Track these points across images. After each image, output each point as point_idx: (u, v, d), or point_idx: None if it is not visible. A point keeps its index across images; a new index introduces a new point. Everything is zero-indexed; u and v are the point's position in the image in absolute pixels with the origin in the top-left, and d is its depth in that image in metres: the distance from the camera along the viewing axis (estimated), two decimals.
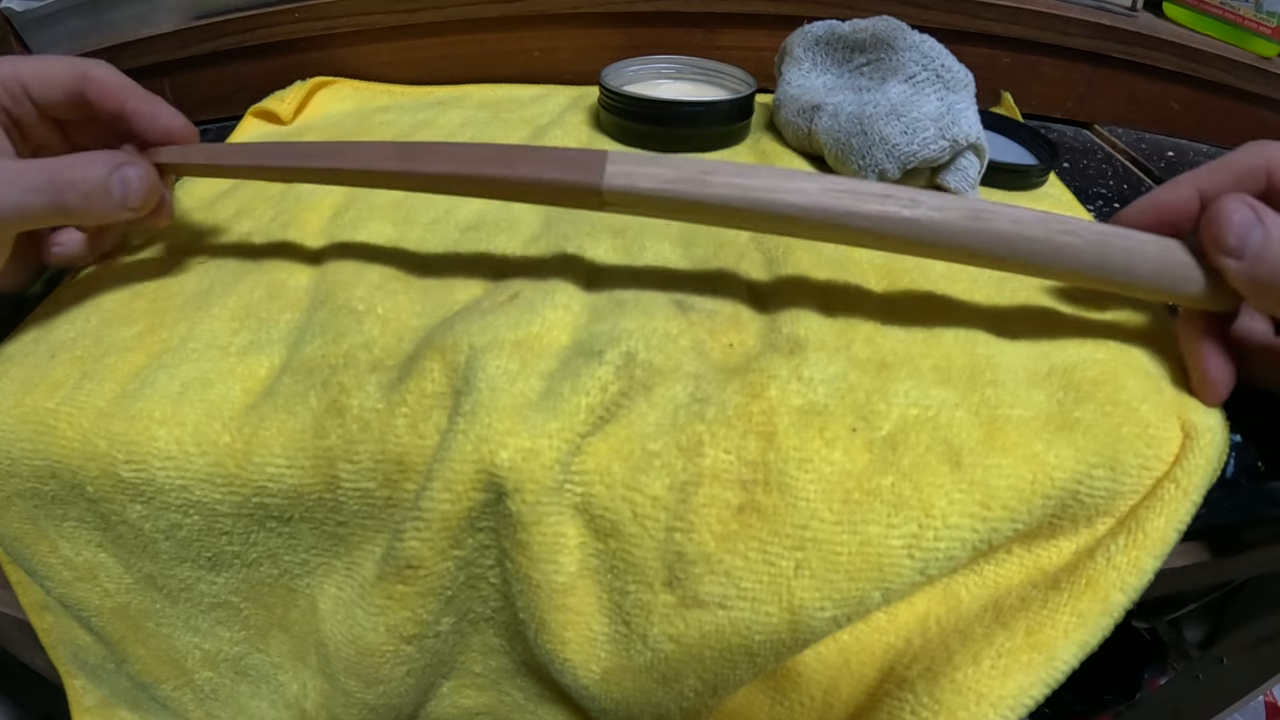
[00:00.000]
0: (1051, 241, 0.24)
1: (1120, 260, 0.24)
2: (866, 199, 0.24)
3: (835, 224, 0.25)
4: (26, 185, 0.25)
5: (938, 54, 0.38)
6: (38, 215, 0.26)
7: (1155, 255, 0.24)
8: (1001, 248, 0.24)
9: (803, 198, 0.25)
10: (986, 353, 0.26)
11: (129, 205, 0.27)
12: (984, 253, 0.24)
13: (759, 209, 0.25)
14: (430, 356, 0.25)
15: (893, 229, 0.24)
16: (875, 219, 0.24)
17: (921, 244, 0.25)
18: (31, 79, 0.28)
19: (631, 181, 0.25)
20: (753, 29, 0.50)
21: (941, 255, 0.25)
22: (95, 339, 0.28)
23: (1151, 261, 0.24)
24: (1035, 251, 0.24)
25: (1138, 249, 0.24)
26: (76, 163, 0.26)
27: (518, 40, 0.50)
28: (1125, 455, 0.23)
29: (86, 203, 0.26)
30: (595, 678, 0.25)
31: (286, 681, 0.30)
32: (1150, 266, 0.24)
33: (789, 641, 0.22)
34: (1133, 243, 0.24)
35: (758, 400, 0.24)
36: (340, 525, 0.25)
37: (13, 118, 0.28)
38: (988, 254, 0.24)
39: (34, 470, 0.26)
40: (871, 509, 0.22)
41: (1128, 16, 0.51)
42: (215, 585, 0.28)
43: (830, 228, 0.25)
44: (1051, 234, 0.24)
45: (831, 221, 0.25)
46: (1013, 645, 0.22)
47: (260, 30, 0.48)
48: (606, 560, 0.23)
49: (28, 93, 0.28)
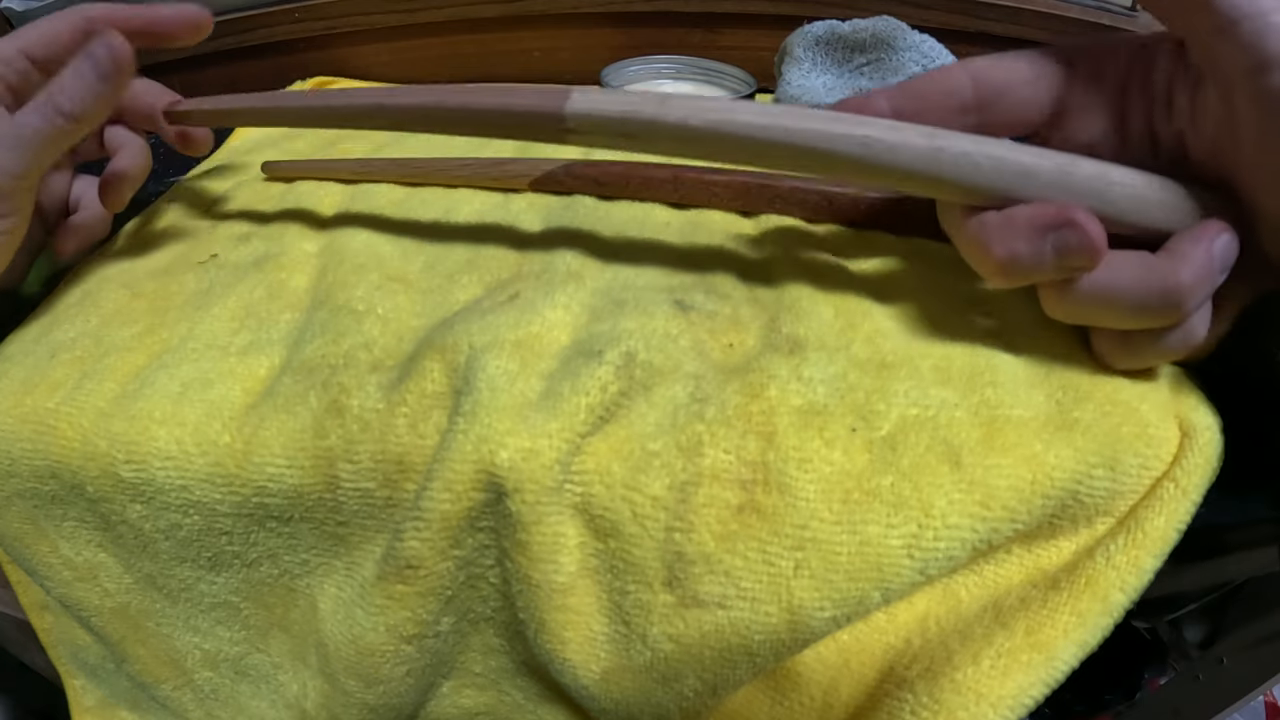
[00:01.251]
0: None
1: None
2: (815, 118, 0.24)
3: (791, 143, 0.24)
4: (28, 111, 0.27)
5: (938, 54, 0.38)
6: (46, 131, 0.27)
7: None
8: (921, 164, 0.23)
9: (761, 117, 0.24)
10: (986, 353, 0.26)
11: (106, 78, 0.28)
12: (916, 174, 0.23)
13: (716, 128, 0.24)
14: (430, 356, 0.25)
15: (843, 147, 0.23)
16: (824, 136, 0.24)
17: (867, 165, 0.24)
18: (36, 47, 0.29)
19: (593, 105, 0.25)
20: (753, 29, 0.50)
21: (890, 180, 0.24)
22: (95, 339, 0.28)
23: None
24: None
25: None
26: (65, 68, 0.28)
27: (518, 40, 0.51)
28: (1125, 455, 0.23)
29: (71, 91, 0.27)
30: (595, 678, 0.25)
31: (286, 681, 0.30)
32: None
33: (789, 641, 0.22)
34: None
35: (757, 400, 0.24)
36: (340, 525, 0.25)
37: (14, 90, 0.29)
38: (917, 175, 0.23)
39: (34, 470, 0.26)
40: (871, 509, 0.22)
41: (1128, 16, 0.51)
42: (215, 585, 0.28)
43: (785, 147, 0.24)
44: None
45: (788, 141, 0.24)
46: (1012, 645, 0.22)
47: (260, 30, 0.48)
48: (606, 560, 0.24)
49: (32, 60, 0.29)
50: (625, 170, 0.36)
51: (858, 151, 0.23)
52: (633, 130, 0.25)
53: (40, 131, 0.27)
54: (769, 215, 0.34)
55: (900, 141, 0.23)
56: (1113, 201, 0.22)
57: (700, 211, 0.35)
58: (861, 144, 0.23)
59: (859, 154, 0.23)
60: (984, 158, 0.23)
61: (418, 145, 0.43)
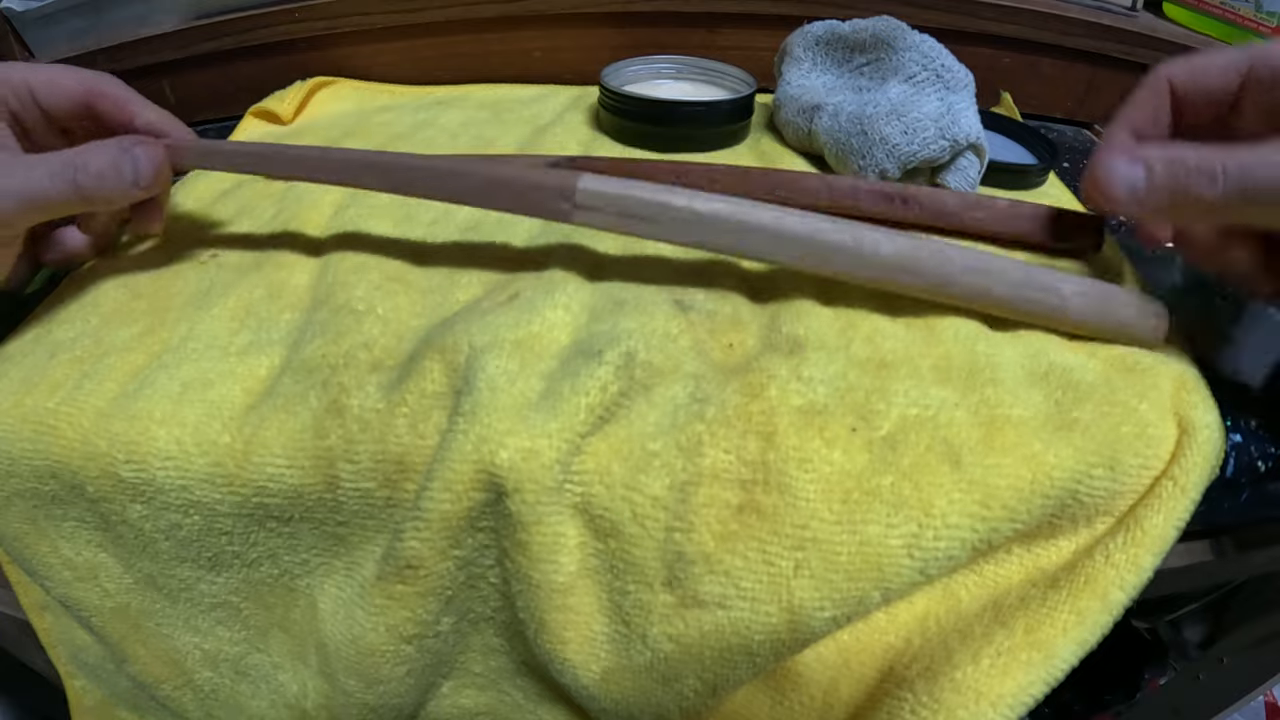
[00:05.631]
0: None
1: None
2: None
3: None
4: (44, 172, 0.26)
5: (938, 54, 0.38)
6: (55, 200, 0.27)
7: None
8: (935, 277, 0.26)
9: (776, 221, 0.27)
10: (986, 352, 0.26)
11: (140, 184, 0.28)
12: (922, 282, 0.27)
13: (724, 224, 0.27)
14: (430, 356, 0.25)
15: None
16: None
17: (865, 271, 0.27)
18: (40, 87, 0.29)
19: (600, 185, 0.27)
20: (753, 29, 0.50)
21: (890, 284, 0.27)
22: (95, 339, 0.28)
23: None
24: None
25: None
26: (89, 147, 0.27)
27: (518, 40, 0.51)
28: (1124, 454, 0.23)
29: (100, 182, 0.27)
30: (595, 678, 0.25)
31: (286, 681, 0.30)
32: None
33: (789, 641, 0.22)
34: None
35: (757, 400, 0.24)
36: (340, 525, 0.25)
37: (19, 121, 0.29)
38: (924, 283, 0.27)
39: (34, 470, 0.26)
40: (871, 509, 0.22)
41: (1128, 16, 0.51)
42: (215, 585, 0.28)
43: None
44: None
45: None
46: (1012, 644, 0.22)
47: (260, 30, 0.48)
48: (606, 560, 0.24)
49: (36, 99, 0.29)
50: (626, 170, 0.36)
51: (849, 245, 0.26)
52: (636, 211, 0.27)
53: (48, 196, 0.26)
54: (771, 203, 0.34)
55: (885, 237, 0.26)
56: (1064, 296, 0.26)
57: None
58: (852, 239, 0.26)
59: (851, 247, 0.26)
60: (956, 252, 0.26)
61: (418, 146, 0.43)
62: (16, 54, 0.47)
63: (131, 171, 0.27)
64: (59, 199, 0.26)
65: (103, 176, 0.27)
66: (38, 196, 0.26)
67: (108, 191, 0.27)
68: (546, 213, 0.27)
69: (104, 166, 0.27)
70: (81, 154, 0.27)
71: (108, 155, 0.27)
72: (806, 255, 0.27)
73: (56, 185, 0.26)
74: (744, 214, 0.26)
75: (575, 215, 0.27)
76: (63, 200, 0.27)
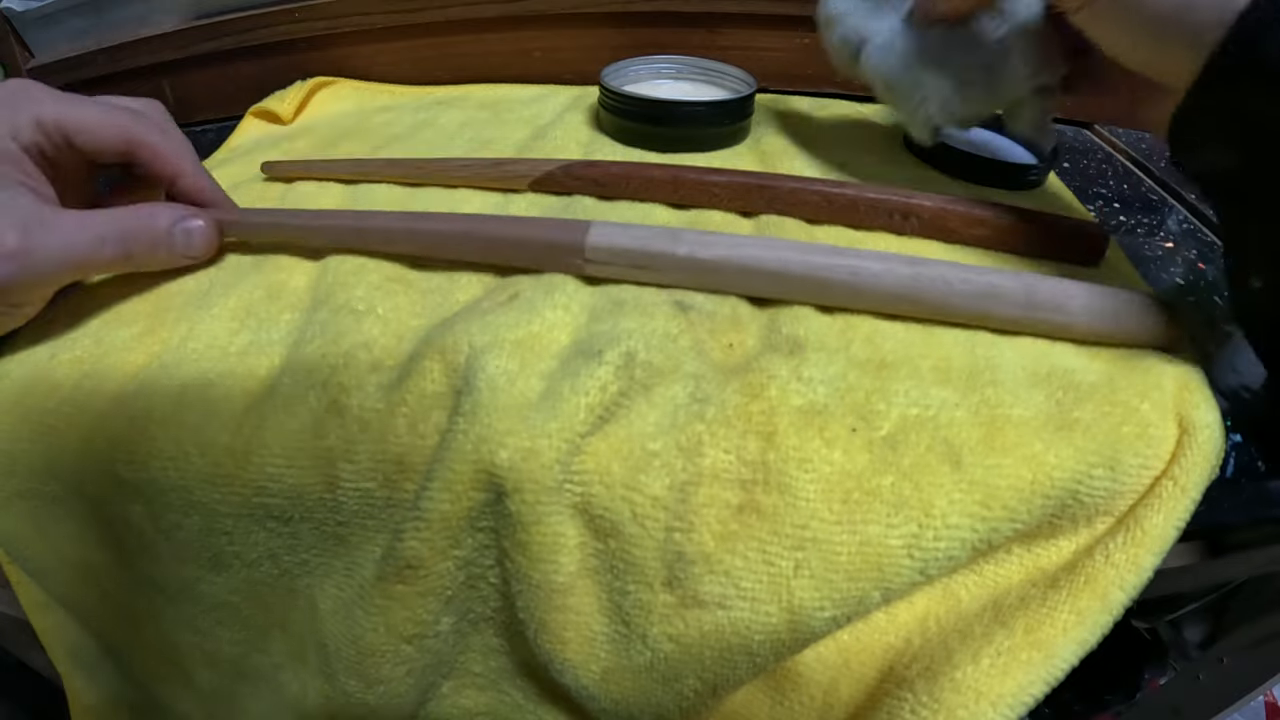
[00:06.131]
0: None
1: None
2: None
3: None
4: (95, 235, 0.26)
5: None
6: (104, 262, 0.27)
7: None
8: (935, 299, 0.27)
9: (780, 263, 0.27)
10: (986, 353, 0.26)
11: (190, 255, 0.29)
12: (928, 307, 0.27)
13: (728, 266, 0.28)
14: (430, 356, 0.25)
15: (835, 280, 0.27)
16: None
17: (870, 299, 0.27)
18: (76, 134, 0.27)
19: (610, 238, 0.28)
20: (753, 29, 0.50)
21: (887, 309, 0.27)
22: (95, 339, 0.28)
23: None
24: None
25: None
26: (142, 213, 0.27)
27: (518, 40, 0.51)
28: (1125, 455, 0.23)
29: (151, 251, 0.28)
30: (595, 678, 0.25)
31: (286, 681, 0.30)
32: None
33: (789, 641, 0.22)
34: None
35: (757, 400, 0.24)
36: (340, 525, 0.25)
37: (53, 164, 0.28)
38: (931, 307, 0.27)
39: (34, 470, 0.26)
40: (871, 509, 0.22)
41: None
42: (215, 585, 0.28)
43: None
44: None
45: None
46: (1012, 644, 0.22)
47: (260, 30, 0.48)
48: (606, 560, 0.24)
49: (71, 144, 0.27)
50: (625, 171, 0.36)
51: (848, 279, 0.27)
52: (643, 262, 0.28)
53: (95, 260, 0.26)
54: (769, 215, 0.34)
55: (884, 269, 0.27)
56: (1071, 312, 0.26)
57: (700, 212, 0.35)
58: (850, 272, 0.27)
59: (849, 281, 0.27)
60: (957, 279, 0.26)
61: (418, 147, 0.43)
62: (16, 54, 0.47)
63: (184, 245, 0.29)
64: (108, 262, 0.27)
65: (155, 247, 0.27)
66: (83, 261, 0.26)
67: (159, 261, 0.28)
68: (563, 268, 0.29)
69: (158, 237, 0.27)
70: (135, 218, 0.27)
71: (161, 225, 0.27)
72: (807, 292, 0.28)
73: (107, 251, 0.26)
74: (744, 259, 0.28)
75: (589, 268, 0.29)
76: (110, 265, 0.27)
